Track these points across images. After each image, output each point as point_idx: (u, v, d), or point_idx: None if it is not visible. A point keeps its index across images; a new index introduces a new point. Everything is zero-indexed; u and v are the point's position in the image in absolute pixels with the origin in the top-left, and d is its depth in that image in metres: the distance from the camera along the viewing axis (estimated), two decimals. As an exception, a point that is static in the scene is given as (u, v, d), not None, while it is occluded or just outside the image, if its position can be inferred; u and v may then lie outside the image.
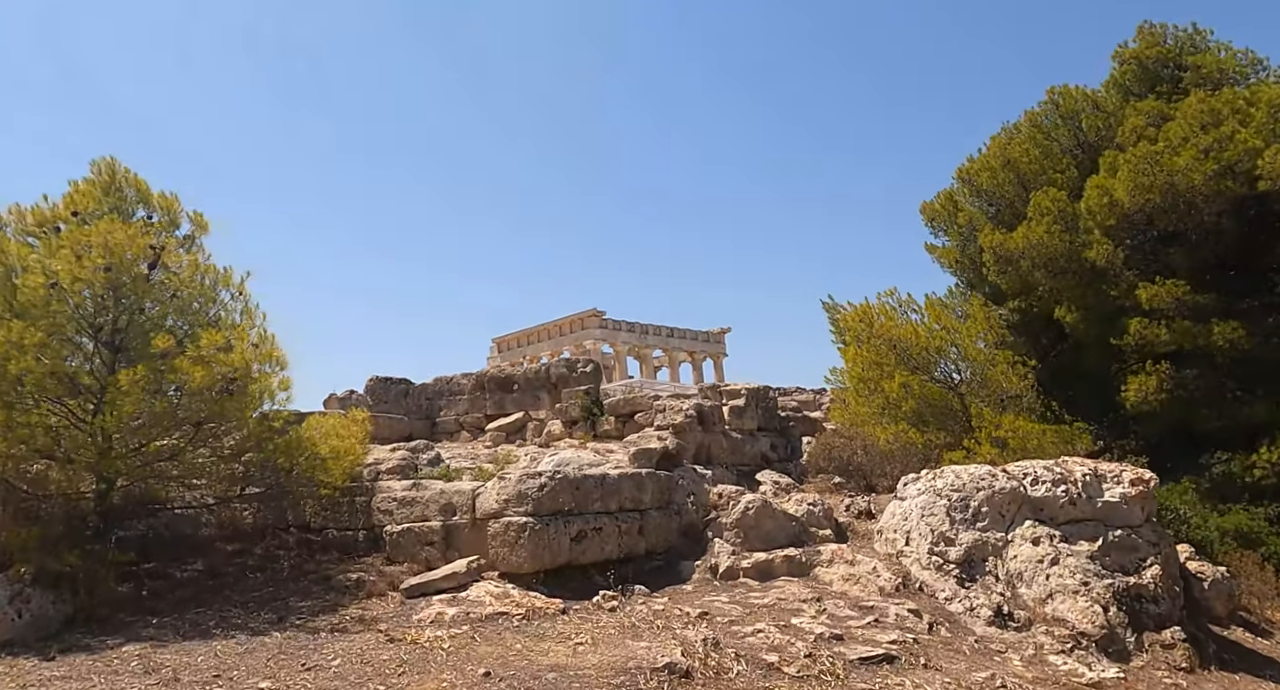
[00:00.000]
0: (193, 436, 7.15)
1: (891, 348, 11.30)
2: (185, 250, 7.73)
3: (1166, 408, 13.75)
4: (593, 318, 43.30)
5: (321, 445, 8.08)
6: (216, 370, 6.78)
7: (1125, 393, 13.92)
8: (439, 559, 8.08)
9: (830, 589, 8.54)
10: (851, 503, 9.91)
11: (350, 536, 8.68)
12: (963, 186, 17.93)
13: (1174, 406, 13.72)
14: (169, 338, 6.66)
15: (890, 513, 9.25)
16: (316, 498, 8.35)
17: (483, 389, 16.29)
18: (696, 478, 9.85)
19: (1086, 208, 14.64)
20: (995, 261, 15.94)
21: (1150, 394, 13.74)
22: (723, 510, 9.69)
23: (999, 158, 16.90)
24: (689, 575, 8.81)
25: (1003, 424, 10.13)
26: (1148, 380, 13.76)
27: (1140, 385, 13.79)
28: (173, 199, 8.02)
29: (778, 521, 9.36)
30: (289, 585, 7.63)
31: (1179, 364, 13.75)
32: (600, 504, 8.52)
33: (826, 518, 9.53)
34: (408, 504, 8.44)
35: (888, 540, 9.04)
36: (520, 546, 7.62)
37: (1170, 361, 13.73)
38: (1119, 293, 14.52)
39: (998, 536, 8.40)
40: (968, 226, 17.73)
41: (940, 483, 8.89)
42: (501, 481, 8.03)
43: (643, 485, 9.07)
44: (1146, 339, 13.87)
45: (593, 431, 14.08)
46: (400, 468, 9.10)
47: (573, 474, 8.35)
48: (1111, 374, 14.98)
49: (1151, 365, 13.76)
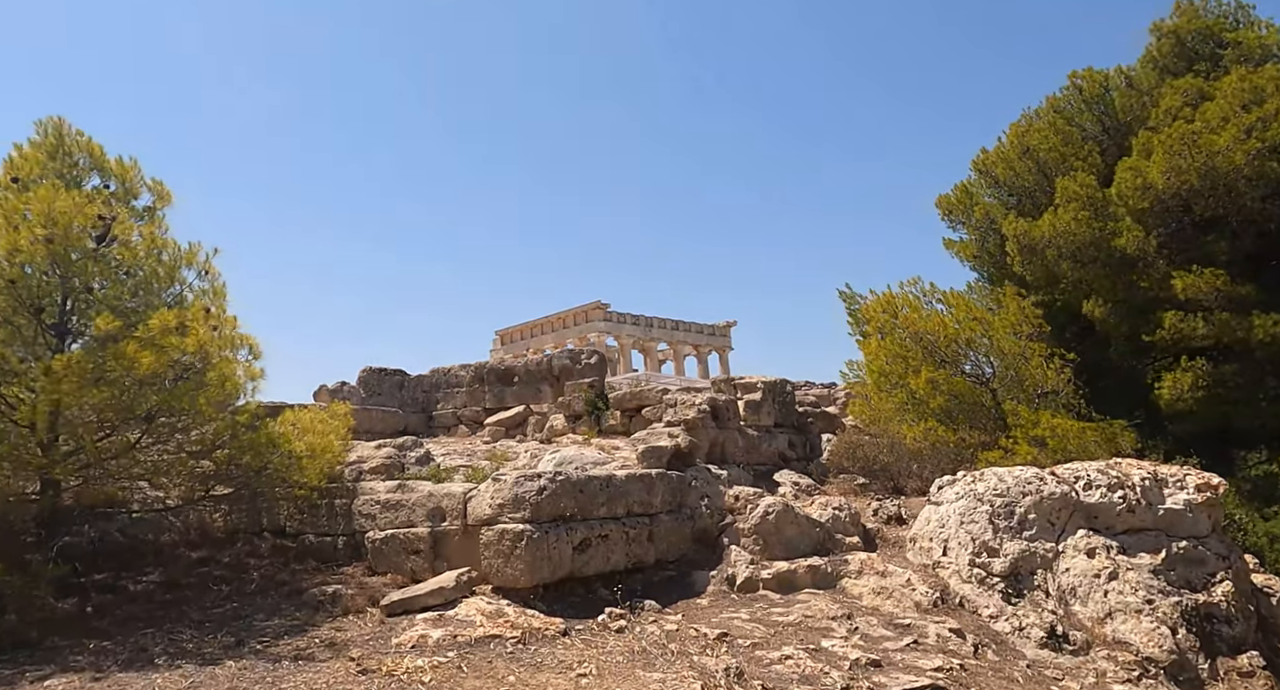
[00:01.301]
0: (144, 431, 6.16)
1: (918, 340, 10.30)
2: (144, 222, 6.73)
3: (1203, 406, 12.73)
4: (597, 310, 42.25)
5: (296, 442, 7.10)
6: (167, 356, 5.79)
7: (1159, 390, 12.90)
8: (426, 570, 7.10)
9: (860, 604, 7.56)
10: (879, 507, 8.92)
11: (329, 543, 7.70)
12: (980, 178, 16.90)
13: (1211, 404, 12.69)
14: (112, 318, 5.66)
15: (924, 519, 8.25)
16: (292, 500, 7.37)
17: (482, 381, 15.29)
18: (710, 478, 8.87)
19: (1117, 192, 13.59)
20: (1019, 251, 14.90)
21: (1186, 391, 12.71)
22: (740, 514, 8.71)
23: (1017, 146, 15.86)
24: (703, 587, 7.83)
25: (1041, 422, 9.13)
26: (1183, 377, 12.73)
27: (1175, 382, 12.77)
28: (130, 166, 7.02)
29: (800, 527, 8.37)
30: (256, 600, 6.64)
31: (1217, 360, 12.74)
32: (606, 508, 7.54)
33: (853, 523, 8.54)
34: (392, 508, 7.45)
35: (922, 549, 8.05)
36: (516, 557, 6.63)
37: (1207, 357, 12.73)
38: (1151, 284, 13.48)
39: (1047, 547, 7.42)
40: (985, 219, 16.73)
41: (981, 486, 7.90)
42: (496, 483, 7.05)
43: (653, 487, 8.09)
44: (1182, 333, 12.84)
45: (597, 426, 13.09)
46: (385, 467, 8.11)
47: (575, 475, 7.36)
48: (1141, 370, 13.98)
49: (1187, 361, 12.74)
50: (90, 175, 7.07)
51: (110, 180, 7.09)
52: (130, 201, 6.99)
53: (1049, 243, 14.32)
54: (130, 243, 6.35)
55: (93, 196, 6.33)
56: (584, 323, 42.79)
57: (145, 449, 6.46)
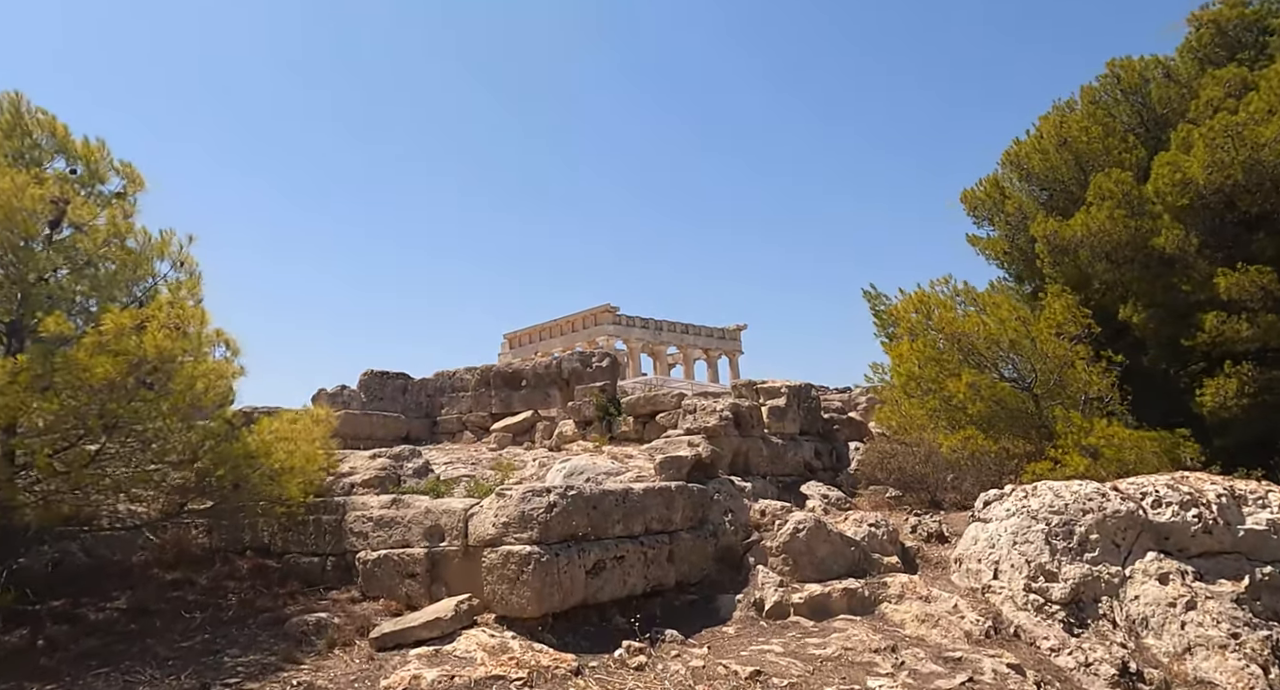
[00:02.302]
0: (103, 443, 5.38)
1: (955, 342, 9.45)
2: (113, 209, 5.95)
3: (1248, 412, 11.84)
4: (606, 313, 41.45)
5: (278, 452, 6.30)
6: (125, 361, 5.01)
7: (1200, 397, 12.00)
8: (422, 595, 6.29)
9: (903, 633, 6.72)
10: (918, 523, 8.08)
11: (316, 564, 6.89)
12: (1011, 171, 16.01)
13: (1258, 411, 11.80)
14: (62, 318, 4.90)
15: (971, 537, 7.41)
16: (276, 516, 6.58)
17: (488, 385, 14.50)
18: (734, 491, 8.04)
19: (1155, 189, 12.72)
20: (1049, 252, 14.04)
21: (1230, 398, 11.82)
22: (767, 531, 7.88)
23: (1054, 137, 14.96)
24: (729, 613, 7.00)
25: (1094, 430, 8.28)
26: (1227, 383, 11.85)
27: (1219, 388, 11.88)
28: (97, 147, 6.25)
29: (833, 546, 7.54)
30: (231, 631, 5.84)
31: (1264, 364, 11.85)
32: (622, 526, 6.72)
33: (891, 541, 7.71)
34: (386, 525, 6.65)
35: (969, 571, 7.20)
36: (523, 584, 5.82)
37: (1253, 361, 11.84)
38: (1192, 286, 12.59)
39: (1112, 571, 6.57)
40: (1017, 214, 15.83)
41: (1035, 502, 7.06)
42: (501, 499, 6.24)
43: (673, 502, 7.27)
44: (1225, 336, 11.95)
45: (609, 433, 12.29)
46: (379, 479, 7.31)
47: (589, 490, 6.55)
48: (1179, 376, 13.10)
49: (1231, 366, 11.85)
50: (54, 157, 6.31)
51: (76, 163, 6.33)
52: (96, 186, 6.23)
53: (1082, 243, 13.45)
54: (91, 230, 5.57)
55: (43, 177, 5.55)
56: (593, 326, 42.00)
57: (109, 461, 5.67)
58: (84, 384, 4.96)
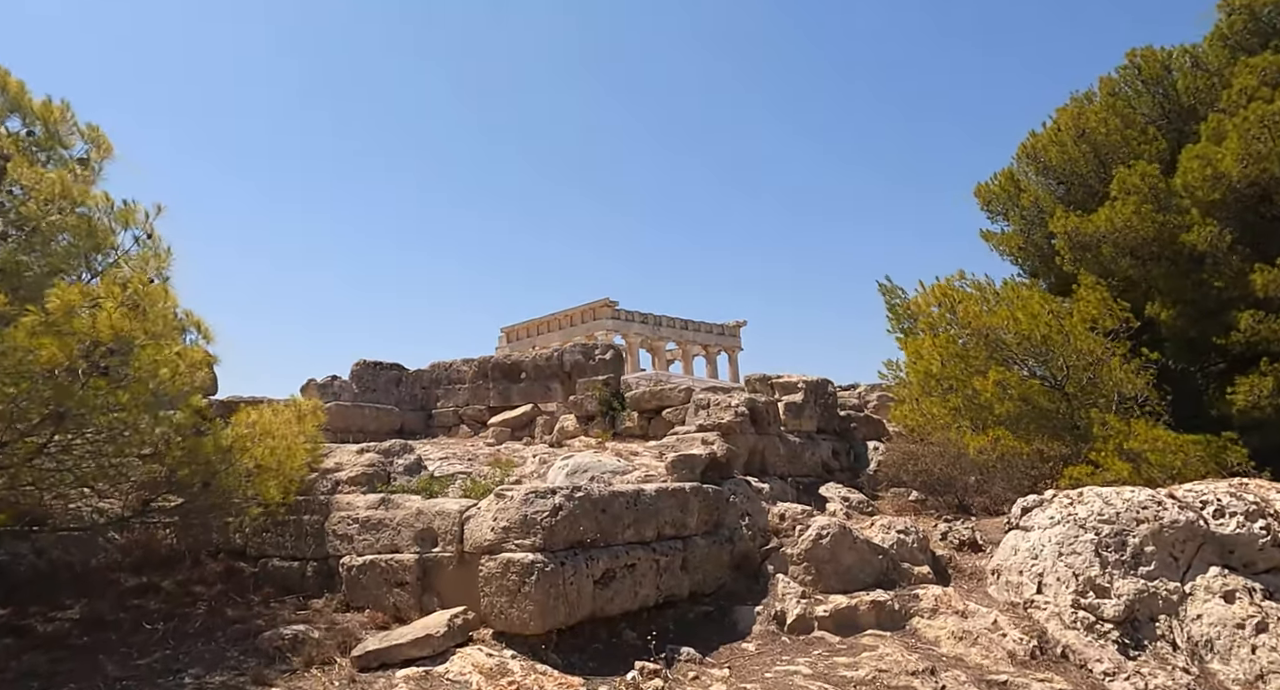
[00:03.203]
0: (50, 435, 4.71)
1: (982, 338, 8.82)
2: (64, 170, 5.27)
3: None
4: (605, 308, 40.74)
5: (256, 448, 5.64)
6: (73, 343, 4.34)
7: (1233, 396, 11.39)
8: (412, 607, 5.63)
9: (939, 651, 6.09)
10: (949, 530, 7.44)
11: (296, 569, 6.23)
12: (1027, 164, 15.37)
13: (1292, 413, 11.21)
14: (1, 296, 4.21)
15: (1009, 547, 6.78)
16: (249, 516, 5.91)
17: (486, 377, 13.82)
18: (751, 493, 7.40)
19: (1184, 183, 12.09)
20: (1070, 248, 13.40)
21: (1264, 398, 11.19)
22: (787, 537, 7.25)
23: (1072, 129, 14.33)
24: (748, 627, 6.37)
25: (1135, 432, 7.66)
26: (1261, 382, 11.22)
27: (1252, 387, 11.25)
28: (59, 108, 5.58)
29: (859, 554, 6.91)
30: (197, 644, 5.17)
31: (1301, 364, 11.24)
32: (633, 531, 6.08)
33: (922, 550, 7.08)
34: (373, 528, 5.99)
35: (1009, 584, 6.57)
36: (524, 596, 5.16)
37: (1289, 361, 11.24)
38: (1224, 283, 11.97)
39: (1170, 587, 5.94)
40: (1033, 209, 15.21)
41: (1082, 510, 6.43)
42: (500, 501, 5.58)
43: (687, 504, 6.63)
44: (1260, 335, 11.33)
45: (612, 429, 11.63)
46: (367, 476, 6.64)
47: (597, 492, 5.90)
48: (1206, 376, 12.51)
49: (1268, 364, 11.25)
50: (8, 116, 5.62)
51: (34, 124, 5.65)
52: (56, 149, 5.55)
53: (1105, 238, 12.82)
54: (34, 192, 4.89)
55: None
56: (591, 320, 41.31)
57: (59, 456, 5.00)
58: (25, 369, 4.29)
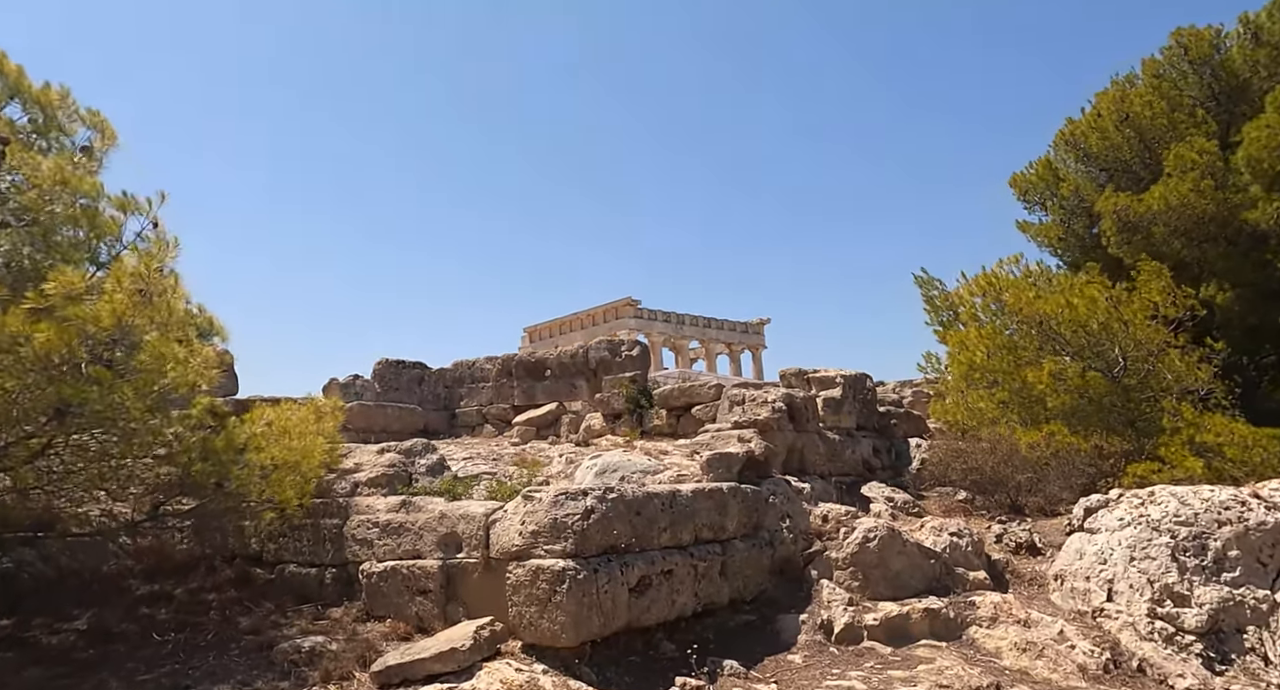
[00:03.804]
0: (50, 434, 4.40)
1: (1035, 327, 8.30)
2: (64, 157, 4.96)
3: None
4: (628, 307, 40.36)
5: (272, 447, 5.30)
6: (73, 331, 4.02)
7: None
8: (435, 616, 5.27)
9: (1001, 663, 5.62)
10: (1004, 532, 6.95)
11: (314, 576, 5.89)
12: (1066, 152, 14.78)
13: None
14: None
15: (1074, 550, 6.28)
16: (264, 519, 5.59)
17: (510, 375, 13.48)
18: (791, 493, 6.96)
19: (1246, 157, 11.46)
20: (1117, 230, 12.82)
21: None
22: (831, 540, 6.80)
23: (1114, 113, 13.72)
24: (792, 637, 5.93)
25: (1209, 426, 7.12)
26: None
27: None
28: (59, 93, 5.28)
29: (909, 558, 6.44)
30: (208, 657, 4.85)
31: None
32: (669, 535, 5.66)
33: (976, 553, 6.60)
34: (394, 532, 5.63)
35: (1075, 591, 6.08)
36: (555, 606, 4.77)
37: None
38: (1291, 262, 11.36)
39: (1259, 595, 5.42)
40: (1073, 198, 14.64)
41: (1155, 511, 5.92)
42: (528, 503, 5.20)
43: (725, 506, 6.21)
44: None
45: (640, 427, 11.24)
46: (387, 478, 6.29)
47: (631, 493, 5.49)
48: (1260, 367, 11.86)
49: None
50: (8, 102, 5.33)
51: (34, 111, 5.36)
52: (57, 136, 5.26)
53: (1157, 218, 12.24)
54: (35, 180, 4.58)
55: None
56: (614, 320, 40.94)
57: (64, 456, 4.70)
58: (20, 360, 3.97)
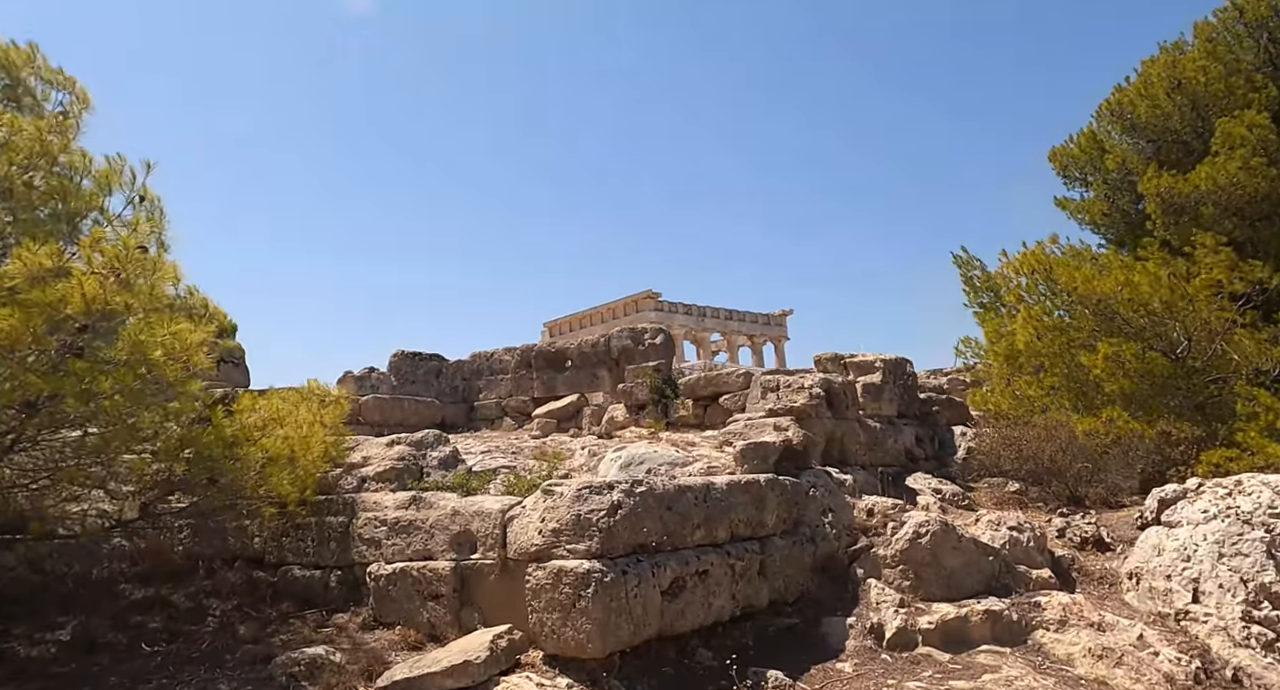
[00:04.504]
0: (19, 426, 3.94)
1: (1092, 307, 7.67)
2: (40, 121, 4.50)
3: None
4: (648, 299, 39.80)
5: (266, 439, 4.83)
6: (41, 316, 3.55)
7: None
8: (448, 623, 4.77)
9: (1075, 672, 5.03)
10: (1067, 525, 6.35)
11: (318, 578, 5.41)
12: (1110, 123, 13.98)
13: None
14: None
15: (1150, 546, 5.67)
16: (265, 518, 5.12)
17: (529, 367, 13.00)
18: (832, 485, 6.40)
19: (1303, 129, 10.73)
20: (1163, 211, 12.06)
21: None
22: (877, 536, 6.23)
23: (1164, 80, 12.93)
24: (839, 642, 5.37)
25: (1290, 410, 6.48)
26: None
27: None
28: (25, 51, 4.82)
29: (966, 555, 5.86)
30: (200, 671, 4.37)
31: None
32: (703, 531, 5.13)
33: (1039, 549, 6.01)
34: (403, 531, 5.14)
35: (1153, 591, 5.47)
36: (580, 613, 4.26)
37: None
38: (1354, 242, 10.62)
39: (1368, 595, 4.81)
40: (1119, 171, 13.84)
41: (1245, 502, 5.31)
42: (549, 498, 4.68)
43: (763, 499, 5.66)
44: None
45: (664, 418, 10.71)
46: (396, 472, 5.78)
47: (662, 486, 4.96)
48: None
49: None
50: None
51: (0, 74, 4.90)
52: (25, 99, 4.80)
53: (1206, 197, 11.49)
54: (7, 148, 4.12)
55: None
56: (634, 312, 40.37)
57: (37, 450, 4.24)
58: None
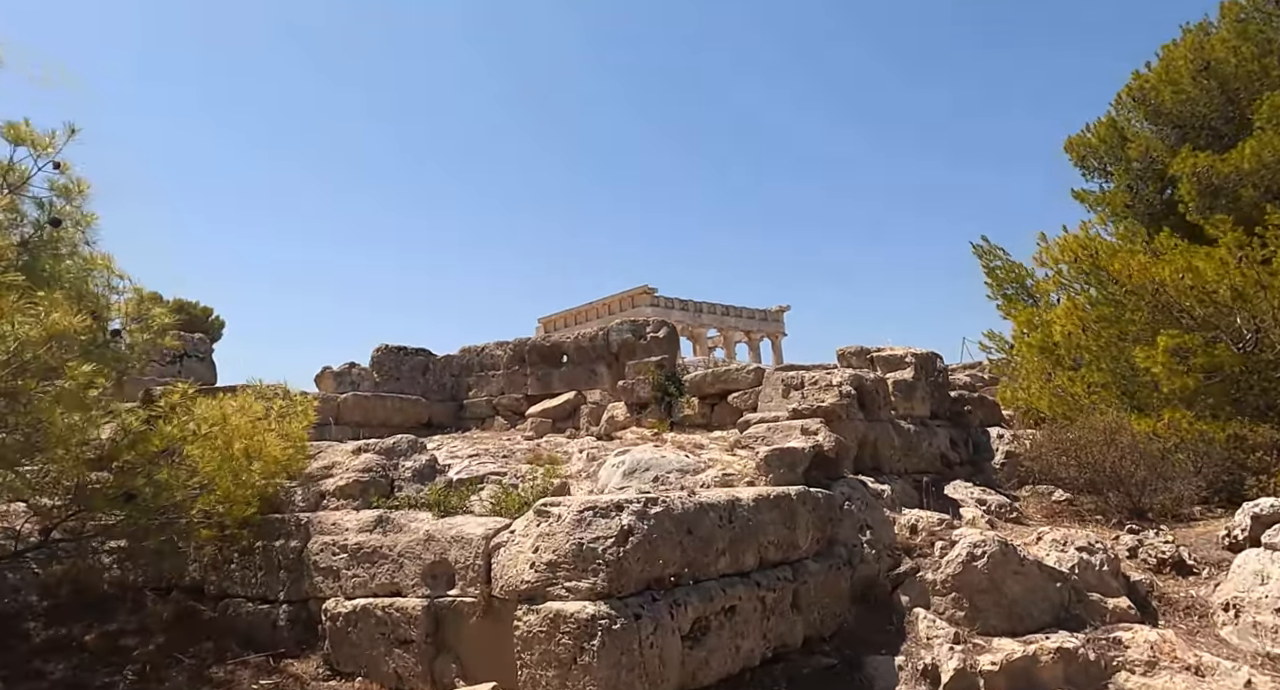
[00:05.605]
0: None
1: (1149, 296, 6.80)
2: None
3: None
4: (644, 295, 38.90)
5: (199, 447, 3.91)
6: None
7: None
8: (419, 675, 3.86)
9: (1172, 728, 4.17)
10: (1139, 544, 5.47)
11: (264, 615, 4.49)
12: (1133, 110, 13.15)
13: None
14: None
15: (1249, 571, 4.80)
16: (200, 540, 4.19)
17: (523, 362, 12.07)
18: (868, 497, 5.51)
19: (1352, 107, 9.90)
20: (1198, 193, 11.21)
21: None
22: (923, 556, 5.34)
23: (1190, 63, 12.10)
24: (887, 688, 4.49)
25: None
26: None
27: None
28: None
29: (1029, 580, 4.98)
30: (106, 741, 3.47)
31: None
32: (728, 558, 4.22)
33: (1113, 574, 5.13)
34: (365, 559, 4.23)
35: (1258, 626, 4.60)
36: (583, 669, 3.35)
37: None
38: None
39: None
40: (1143, 160, 12.99)
41: (1368, 522, 4.44)
42: (544, 522, 3.78)
43: (794, 516, 4.76)
44: None
45: (669, 417, 9.81)
46: (361, 485, 4.82)
47: (679, 506, 4.05)
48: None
49: None
50: None
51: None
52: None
53: (1246, 179, 10.67)
54: None
55: None
56: (630, 308, 39.45)
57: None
58: None
